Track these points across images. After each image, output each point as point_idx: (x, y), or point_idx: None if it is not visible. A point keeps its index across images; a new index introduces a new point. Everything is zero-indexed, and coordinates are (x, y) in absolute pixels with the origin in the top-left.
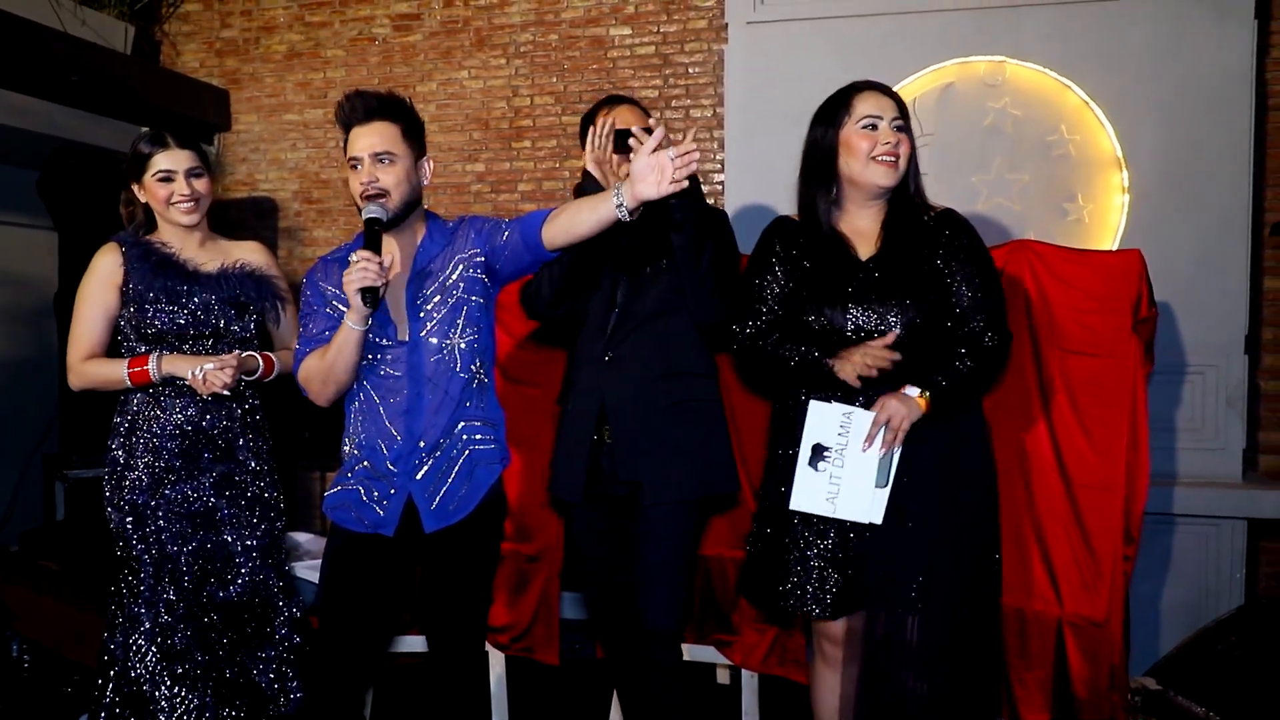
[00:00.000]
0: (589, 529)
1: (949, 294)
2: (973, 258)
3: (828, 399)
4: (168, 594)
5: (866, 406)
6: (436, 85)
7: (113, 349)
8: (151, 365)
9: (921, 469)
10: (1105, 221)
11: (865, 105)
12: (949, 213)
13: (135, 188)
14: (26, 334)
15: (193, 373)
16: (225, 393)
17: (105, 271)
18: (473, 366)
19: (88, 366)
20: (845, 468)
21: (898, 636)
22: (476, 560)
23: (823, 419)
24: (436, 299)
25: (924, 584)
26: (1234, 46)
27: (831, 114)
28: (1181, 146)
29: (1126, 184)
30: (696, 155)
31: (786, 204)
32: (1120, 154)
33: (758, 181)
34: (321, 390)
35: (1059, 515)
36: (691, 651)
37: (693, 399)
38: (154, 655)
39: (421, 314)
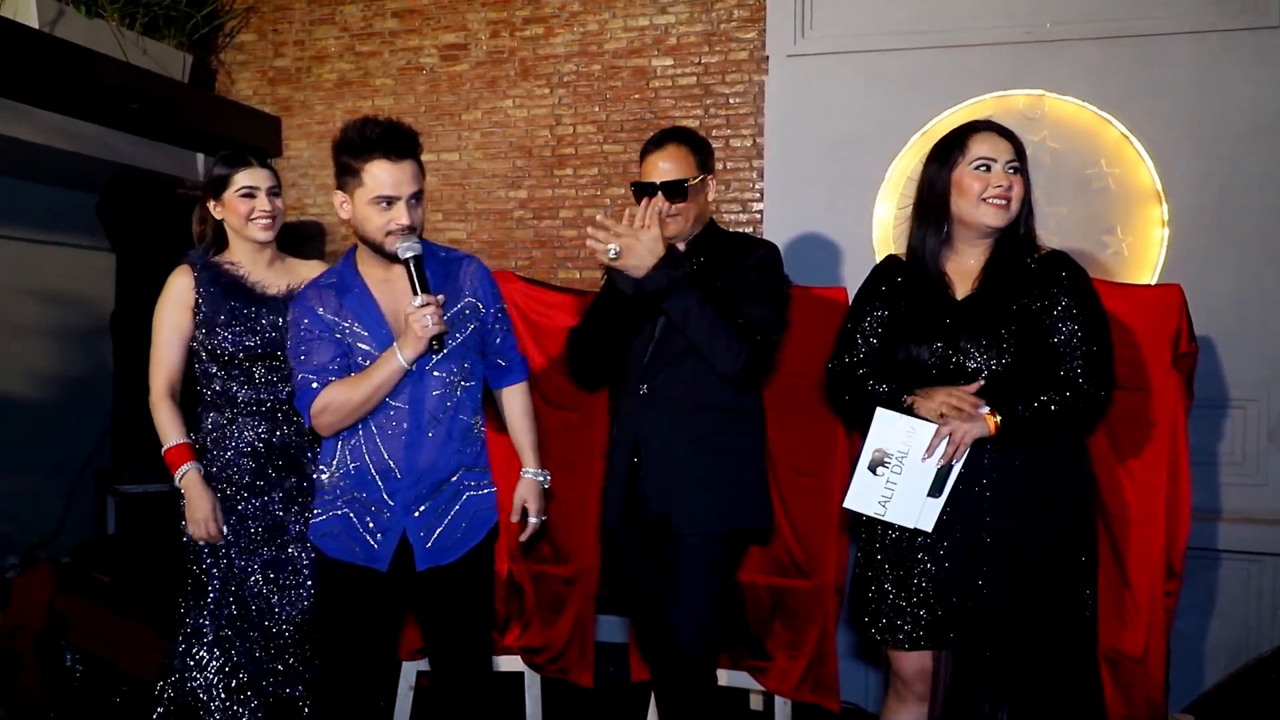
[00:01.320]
0: (631, 554)
1: (1046, 336)
2: (1078, 300)
3: (895, 409)
4: (231, 609)
5: None
6: (481, 114)
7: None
8: (180, 473)
9: (1008, 503)
10: (1145, 255)
11: (980, 146)
12: (1056, 255)
13: (212, 204)
14: (82, 352)
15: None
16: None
17: (178, 293)
18: (474, 414)
19: (160, 410)
20: (903, 475)
21: (978, 673)
22: (473, 594)
23: (888, 427)
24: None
25: (1007, 622)
26: (1274, 82)
27: (946, 153)
28: (1222, 180)
29: (1166, 217)
30: None
31: (825, 231)
32: (1160, 187)
33: (796, 210)
34: (339, 422)
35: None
36: (725, 677)
37: (724, 433)
38: (213, 668)
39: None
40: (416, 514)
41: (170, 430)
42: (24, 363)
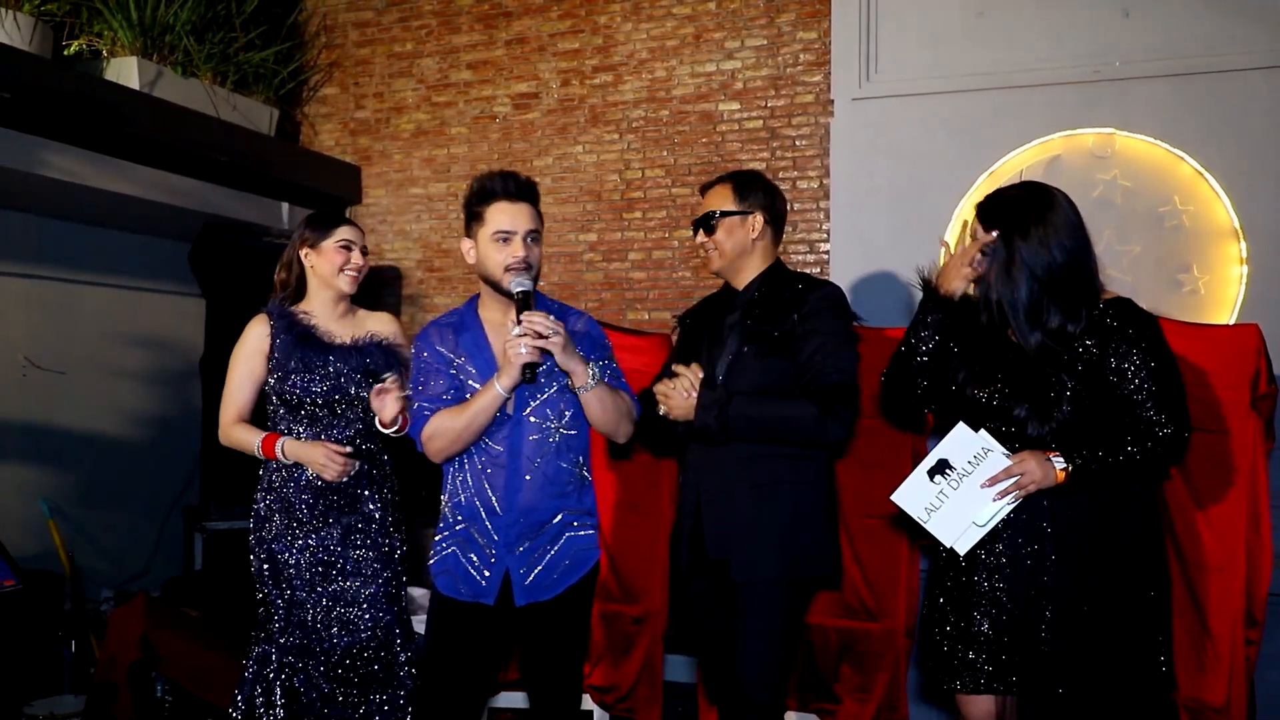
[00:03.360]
0: (699, 596)
1: (1112, 387)
2: (1143, 347)
3: (977, 428)
4: (293, 637)
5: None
6: (553, 159)
7: (260, 410)
8: (279, 447)
9: (1070, 546)
10: (1223, 293)
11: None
12: (1118, 302)
13: (306, 252)
14: (173, 394)
15: (310, 470)
16: (344, 480)
17: (255, 341)
18: (575, 460)
19: (233, 430)
20: (958, 491)
21: (1044, 718)
22: (568, 630)
23: (962, 439)
24: (543, 379)
25: (1071, 666)
26: None
27: None
28: None
29: (1244, 255)
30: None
31: (892, 272)
32: (1237, 225)
33: (863, 250)
34: (447, 448)
35: (1173, 595)
36: (793, 719)
37: (785, 481)
38: (278, 693)
39: (527, 391)
40: (519, 551)
41: (249, 435)
42: (119, 404)
